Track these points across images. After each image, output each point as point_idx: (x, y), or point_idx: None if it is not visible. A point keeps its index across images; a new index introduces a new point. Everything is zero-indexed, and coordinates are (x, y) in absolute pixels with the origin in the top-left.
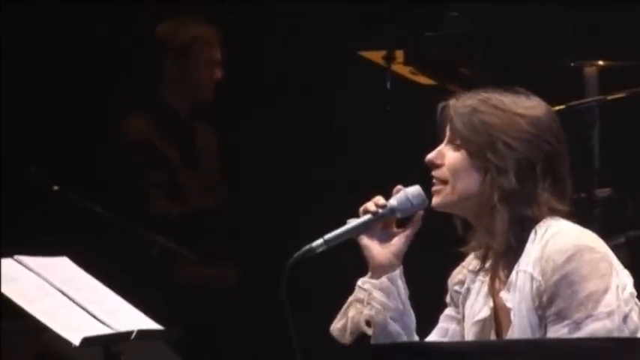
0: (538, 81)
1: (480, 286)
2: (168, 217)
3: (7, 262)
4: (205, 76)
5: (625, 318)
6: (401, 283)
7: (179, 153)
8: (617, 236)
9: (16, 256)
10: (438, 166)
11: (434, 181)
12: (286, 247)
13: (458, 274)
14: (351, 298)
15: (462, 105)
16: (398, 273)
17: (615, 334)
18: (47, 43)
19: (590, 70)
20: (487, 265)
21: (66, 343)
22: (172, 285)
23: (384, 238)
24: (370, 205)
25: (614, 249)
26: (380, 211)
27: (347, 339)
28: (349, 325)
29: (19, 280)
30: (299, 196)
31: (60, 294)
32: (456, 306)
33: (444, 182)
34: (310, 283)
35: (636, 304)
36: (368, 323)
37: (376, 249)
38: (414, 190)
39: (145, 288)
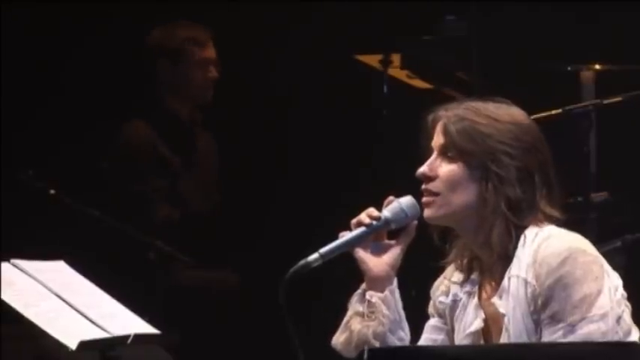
0: (535, 85)
1: (467, 298)
2: (171, 222)
3: (4, 266)
4: (200, 76)
5: (618, 319)
6: (397, 295)
7: (180, 157)
8: (614, 240)
9: (12, 260)
10: (431, 179)
11: (425, 194)
12: (285, 250)
13: (440, 284)
14: (350, 312)
15: (453, 115)
16: (395, 284)
17: (609, 336)
18: (48, 46)
19: (586, 74)
20: (472, 276)
21: (63, 347)
22: (169, 289)
23: (377, 249)
24: (364, 218)
25: (611, 253)
26: (374, 223)
27: (352, 352)
28: (355, 338)
29: (15, 285)
30: (296, 200)
31: (57, 298)
32: (441, 317)
33: (437, 195)
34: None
35: (627, 305)
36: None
37: (373, 261)
38: (407, 200)
39: (141, 292)
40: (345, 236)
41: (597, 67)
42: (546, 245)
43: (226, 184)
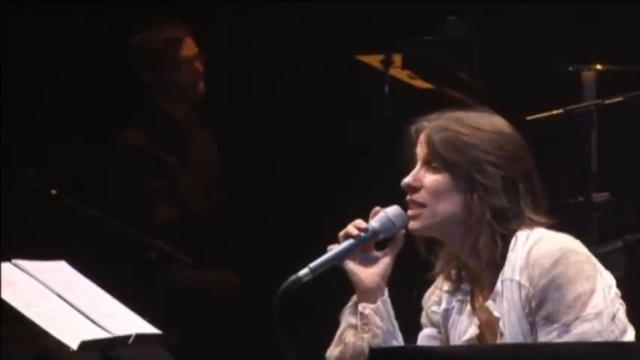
0: (536, 85)
1: (460, 306)
2: (171, 222)
3: (6, 266)
4: (186, 74)
5: (613, 318)
6: (389, 305)
7: (177, 157)
8: (615, 240)
9: (14, 260)
10: (415, 190)
11: (410, 205)
12: (285, 250)
13: (431, 294)
14: (343, 324)
15: (436, 126)
16: (387, 295)
17: (604, 335)
18: (48, 47)
19: (588, 75)
20: (462, 285)
21: (64, 347)
22: (170, 289)
23: (366, 261)
24: (352, 230)
25: (612, 253)
26: (362, 234)
27: None
28: (349, 351)
29: (17, 285)
30: (297, 200)
31: (58, 298)
32: (435, 326)
33: (422, 206)
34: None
35: (621, 304)
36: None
37: (363, 273)
38: (394, 210)
39: (142, 292)
40: (334, 249)
41: (598, 67)
42: (538, 247)
43: (226, 184)
